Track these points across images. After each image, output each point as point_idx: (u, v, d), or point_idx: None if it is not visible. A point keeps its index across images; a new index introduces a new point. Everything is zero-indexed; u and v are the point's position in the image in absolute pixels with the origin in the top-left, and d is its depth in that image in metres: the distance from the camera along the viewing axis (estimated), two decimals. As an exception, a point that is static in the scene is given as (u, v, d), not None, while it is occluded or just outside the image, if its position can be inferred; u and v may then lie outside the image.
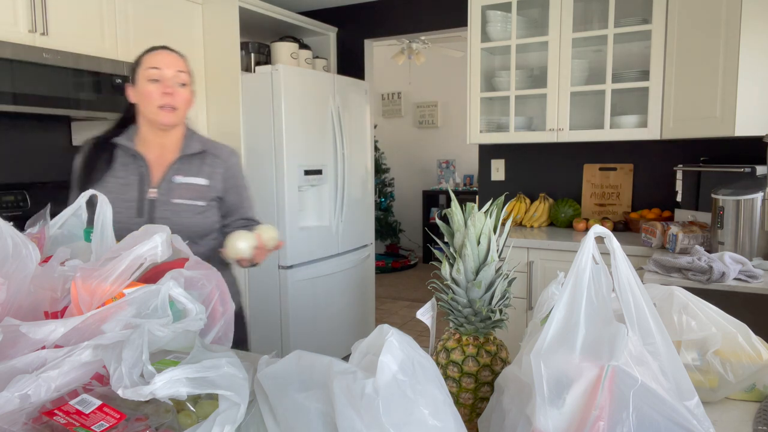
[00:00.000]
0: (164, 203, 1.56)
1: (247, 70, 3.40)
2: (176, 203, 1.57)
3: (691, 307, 0.96)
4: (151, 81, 1.52)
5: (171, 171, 1.59)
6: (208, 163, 1.64)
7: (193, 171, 1.61)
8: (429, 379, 0.60)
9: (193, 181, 1.60)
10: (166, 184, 1.58)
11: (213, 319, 0.90)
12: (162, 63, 1.54)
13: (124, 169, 1.57)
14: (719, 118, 2.29)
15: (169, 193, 1.57)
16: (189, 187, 1.59)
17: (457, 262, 0.80)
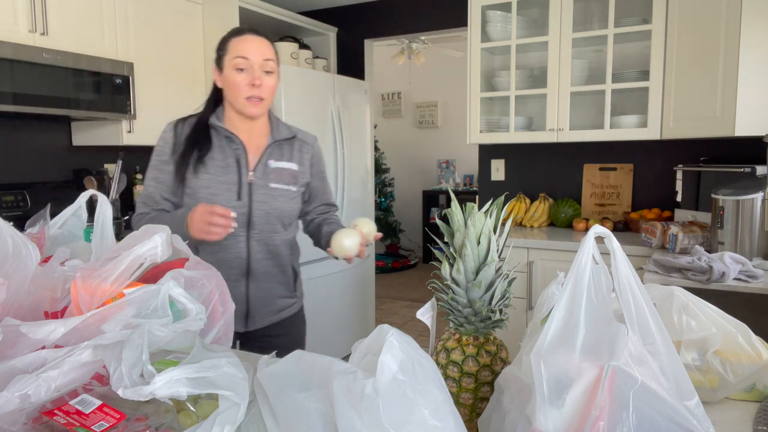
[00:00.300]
0: (262, 187, 1.56)
1: (247, 70, 3.40)
2: (273, 188, 1.57)
3: (691, 307, 0.96)
4: (238, 70, 1.49)
5: (265, 155, 1.58)
6: (297, 148, 1.65)
7: (286, 156, 1.61)
8: (429, 379, 0.60)
9: (286, 166, 1.60)
10: (262, 167, 1.57)
11: (213, 319, 0.90)
12: (250, 51, 1.49)
13: (220, 151, 1.55)
14: (719, 118, 2.29)
15: (266, 177, 1.56)
16: (283, 172, 1.59)
17: (457, 262, 0.80)
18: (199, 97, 3.24)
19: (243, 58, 1.48)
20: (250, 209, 1.54)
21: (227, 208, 1.38)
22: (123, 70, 2.75)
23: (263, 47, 1.52)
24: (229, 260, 1.55)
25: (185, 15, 3.15)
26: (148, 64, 2.93)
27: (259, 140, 1.60)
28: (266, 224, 1.57)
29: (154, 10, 2.96)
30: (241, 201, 1.53)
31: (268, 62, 1.51)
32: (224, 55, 1.52)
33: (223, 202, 1.50)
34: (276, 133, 1.62)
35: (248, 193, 1.54)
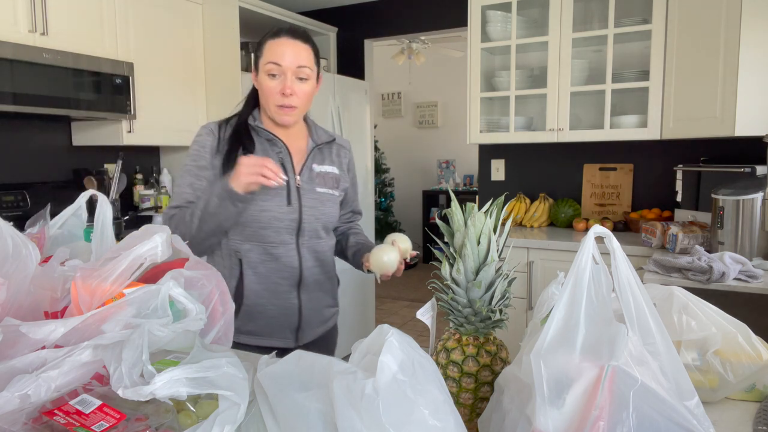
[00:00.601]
0: (309, 191, 1.49)
1: (247, 70, 3.39)
2: (320, 192, 1.51)
3: (691, 307, 0.96)
4: (270, 76, 1.42)
5: (310, 159, 1.53)
6: (335, 152, 1.61)
7: (327, 160, 1.57)
8: (429, 379, 0.60)
9: (329, 170, 1.56)
10: (307, 171, 1.51)
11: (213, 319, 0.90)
12: (283, 57, 1.40)
13: (264, 154, 1.47)
14: (719, 118, 2.29)
15: (312, 182, 1.51)
16: (327, 176, 1.55)
17: (457, 262, 0.80)
18: (200, 97, 3.26)
19: (275, 65, 1.41)
20: (300, 215, 1.47)
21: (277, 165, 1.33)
22: (123, 70, 2.75)
23: (298, 52, 1.42)
24: (280, 270, 1.48)
25: (185, 15, 3.15)
26: (148, 64, 2.93)
27: (298, 143, 1.54)
28: (314, 230, 1.51)
29: (154, 10, 2.96)
30: (291, 206, 1.46)
31: (302, 69, 1.42)
32: (260, 57, 1.45)
33: (273, 207, 1.44)
34: (315, 136, 1.57)
35: (297, 198, 1.47)
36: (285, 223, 1.45)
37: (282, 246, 1.46)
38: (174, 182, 1.37)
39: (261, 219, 1.44)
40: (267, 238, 1.45)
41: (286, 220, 1.45)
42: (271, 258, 1.46)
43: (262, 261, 1.46)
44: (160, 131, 3.05)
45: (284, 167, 1.47)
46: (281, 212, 1.44)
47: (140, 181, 3.31)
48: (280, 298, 1.49)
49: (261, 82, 1.44)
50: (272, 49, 1.42)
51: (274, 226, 1.44)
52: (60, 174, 2.98)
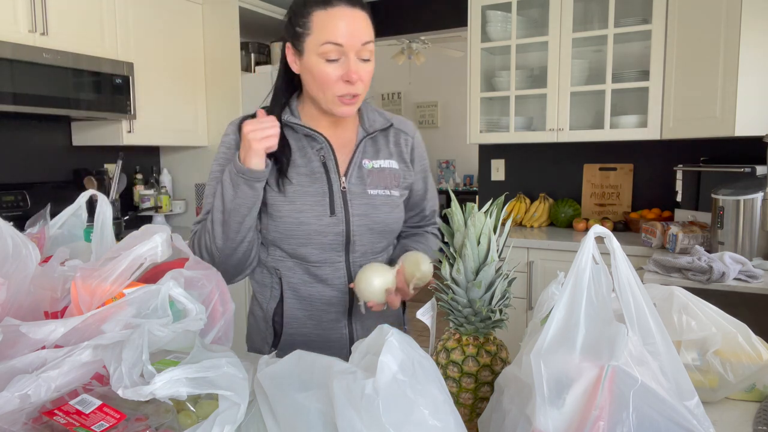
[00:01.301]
0: (359, 195, 1.20)
1: (247, 70, 3.40)
2: (373, 195, 1.21)
3: (691, 307, 0.96)
4: (328, 60, 1.10)
5: (358, 154, 1.23)
6: (393, 141, 1.28)
7: (383, 152, 1.26)
8: (429, 379, 0.60)
9: (385, 165, 1.25)
10: (356, 170, 1.22)
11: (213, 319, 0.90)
12: (345, 35, 1.08)
13: (301, 154, 1.21)
14: (719, 118, 2.29)
15: (362, 183, 1.21)
16: (382, 174, 1.24)
17: (457, 262, 0.80)
18: (200, 97, 3.26)
19: (335, 45, 1.08)
20: (348, 225, 1.19)
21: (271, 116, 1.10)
22: (123, 70, 2.75)
23: (361, 25, 1.10)
24: (325, 295, 1.21)
25: (185, 15, 3.15)
26: (148, 64, 2.93)
27: (345, 135, 1.24)
28: (368, 243, 1.22)
29: (154, 10, 2.96)
30: (336, 216, 1.18)
31: (366, 47, 1.11)
32: (306, 33, 1.11)
33: (312, 219, 1.17)
34: (367, 123, 1.25)
35: (343, 204, 1.19)
36: (329, 238, 1.18)
37: (327, 265, 1.20)
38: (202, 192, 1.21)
39: (298, 234, 1.18)
40: (309, 257, 1.19)
41: (330, 234, 1.18)
42: (315, 280, 1.21)
43: (305, 283, 1.22)
44: (160, 131, 3.05)
45: (326, 167, 1.20)
46: (323, 225, 1.17)
47: (140, 181, 3.31)
48: (326, 329, 1.23)
49: (313, 67, 1.11)
50: (327, 23, 1.08)
51: (316, 241, 1.18)
52: (60, 174, 2.98)
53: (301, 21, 1.11)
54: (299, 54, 1.14)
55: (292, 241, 1.19)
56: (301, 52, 1.13)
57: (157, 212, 3.24)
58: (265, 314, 1.27)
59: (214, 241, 1.17)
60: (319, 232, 1.18)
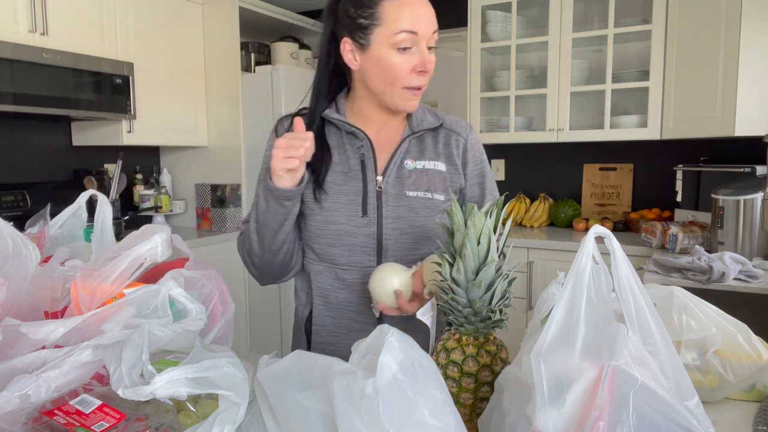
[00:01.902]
0: (396, 197, 1.13)
1: (247, 70, 3.40)
2: (410, 197, 1.14)
3: (691, 307, 0.96)
4: (400, 50, 1.05)
5: (399, 153, 1.15)
6: (443, 141, 1.20)
7: (428, 153, 1.18)
8: (429, 379, 0.60)
9: (430, 166, 1.17)
10: (395, 170, 1.15)
11: (213, 319, 0.90)
12: (420, 23, 1.04)
13: (340, 151, 1.16)
14: (719, 118, 2.29)
15: (400, 183, 1.14)
16: (425, 175, 1.16)
17: (457, 262, 0.80)
18: (200, 97, 3.26)
19: (411, 33, 1.03)
20: (380, 228, 1.12)
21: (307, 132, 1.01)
22: (123, 70, 2.75)
23: (430, 13, 1.07)
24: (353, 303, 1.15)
25: (185, 15, 3.15)
26: (148, 64, 2.93)
27: (390, 133, 1.18)
28: (403, 248, 1.13)
29: (154, 10, 2.96)
30: (367, 217, 1.12)
31: (434, 35, 1.07)
32: (375, 24, 1.05)
33: (343, 219, 1.12)
34: (415, 121, 1.18)
35: (377, 205, 1.12)
36: (360, 240, 1.12)
37: (356, 269, 1.13)
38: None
39: (328, 233, 1.13)
40: (337, 259, 1.14)
41: (360, 235, 1.12)
42: (343, 284, 1.15)
43: (333, 288, 1.16)
44: (160, 131, 3.05)
45: (364, 165, 1.14)
46: (354, 225, 1.11)
47: (140, 181, 3.31)
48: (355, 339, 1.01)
49: (384, 59, 1.06)
50: (400, 12, 1.03)
51: (346, 243, 1.12)
52: (60, 174, 2.98)
53: (366, 12, 1.05)
54: (362, 48, 1.07)
55: (321, 240, 1.14)
56: (366, 45, 1.07)
57: (157, 212, 3.24)
58: (299, 321, 1.24)
59: (252, 248, 1.14)
60: (349, 233, 1.12)
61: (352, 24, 1.07)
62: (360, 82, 1.13)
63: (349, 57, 1.10)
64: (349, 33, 1.08)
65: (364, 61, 1.09)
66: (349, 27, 1.08)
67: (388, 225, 1.13)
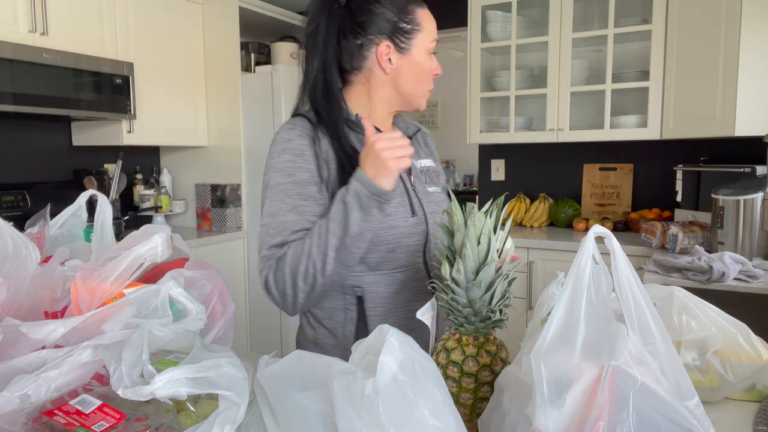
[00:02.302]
0: (424, 194, 1.20)
1: (247, 70, 3.40)
2: (431, 192, 1.22)
3: (691, 307, 0.96)
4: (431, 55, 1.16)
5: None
6: (423, 142, 1.32)
7: (421, 152, 1.28)
8: (429, 379, 0.60)
9: (428, 164, 1.27)
10: (414, 170, 1.22)
11: (213, 319, 0.90)
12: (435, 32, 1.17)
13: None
14: (719, 118, 2.29)
15: (421, 181, 1.22)
16: (429, 173, 1.26)
17: (457, 262, 0.79)
18: (200, 97, 3.26)
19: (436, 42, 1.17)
20: (427, 224, 1.17)
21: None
22: (123, 70, 2.75)
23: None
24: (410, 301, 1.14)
25: (185, 15, 3.15)
26: (148, 64, 2.93)
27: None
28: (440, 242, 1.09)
29: (154, 10, 2.96)
30: (417, 216, 1.15)
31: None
32: (417, 30, 1.13)
33: (399, 222, 1.11)
34: (402, 127, 1.27)
35: (419, 204, 1.17)
36: (414, 240, 1.14)
37: (411, 269, 1.15)
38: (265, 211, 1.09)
39: (388, 239, 1.10)
40: (396, 263, 1.13)
41: (414, 234, 1.14)
42: (401, 287, 1.15)
43: (392, 294, 1.14)
44: (160, 131, 3.05)
45: None
46: (408, 226, 1.12)
47: (140, 181, 3.31)
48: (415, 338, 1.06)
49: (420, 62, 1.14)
50: (431, 21, 1.15)
51: (404, 245, 1.12)
52: (60, 174, 2.98)
53: (408, 18, 1.12)
54: (402, 50, 1.12)
55: (380, 247, 1.10)
56: (406, 49, 1.13)
57: (157, 212, 3.24)
58: (342, 340, 1.16)
59: (323, 268, 1.01)
60: (405, 234, 1.12)
61: (393, 28, 1.11)
62: (385, 84, 1.15)
63: (385, 60, 1.12)
64: (392, 36, 1.11)
65: (402, 63, 1.13)
66: (391, 30, 1.11)
67: (431, 221, 1.17)
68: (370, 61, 1.13)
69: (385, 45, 1.11)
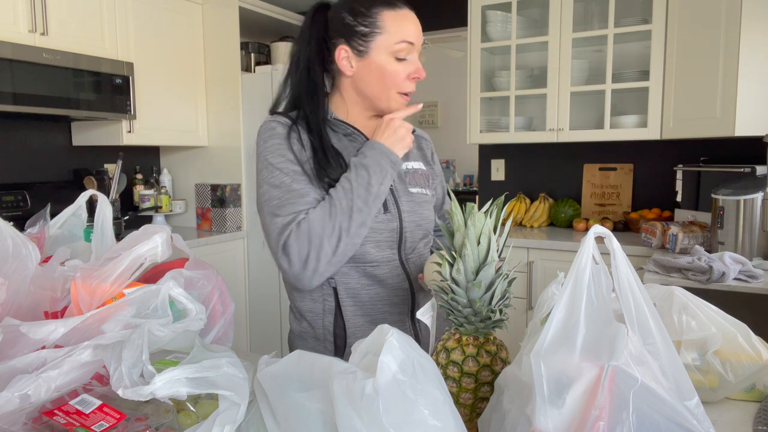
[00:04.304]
0: (404, 193, 1.22)
1: (247, 70, 3.40)
2: (413, 192, 1.24)
3: (691, 307, 0.96)
4: (398, 59, 1.14)
5: None
6: (416, 144, 1.33)
7: (412, 155, 1.30)
8: (429, 379, 0.60)
9: (416, 166, 1.29)
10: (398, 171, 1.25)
11: (213, 319, 0.90)
12: (416, 36, 1.16)
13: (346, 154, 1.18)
14: (719, 118, 2.29)
15: (403, 181, 1.24)
16: (416, 174, 1.27)
17: (457, 262, 0.79)
18: (200, 97, 3.26)
19: (409, 44, 1.14)
20: (401, 222, 1.20)
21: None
22: (123, 70, 2.75)
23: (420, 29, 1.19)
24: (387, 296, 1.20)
25: (185, 15, 3.15)
26: (148, 64, 2.93)
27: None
28: (415, 241, 1.23)
29: (154, 10, 2.96)
30: (390, 213, 1.18)
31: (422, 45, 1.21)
32: (376, 32, 1.13)
33: None
34: None
35: (394, 201, 1.20)
36: (385, 235, 1.18)
37: (385, 264, 1.19)
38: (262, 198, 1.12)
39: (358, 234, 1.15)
40: (367, 256, 1.16)
41: (385, 231, 1.18)
42: (374, 281, 1.19)
43: (364, 286, 1.18)
44: (160, 131, 3.05)
45: None
46: (379, 221, 1.16)
47: (140, 181, 3.31)
48: None
49: (383, 65, 1.13)
50: (401, 23, 1.14)
51: (374, 239, 1.16)
52: (60, 174, 2.98)
53: (367, 21, 1.13)
54: (360, 54, 1.14)
55: None
56: (365, 52, 1.14)
57: (157, 212, 3.24)
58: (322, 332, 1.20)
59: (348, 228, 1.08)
60: (375, 230, 1.16)
61: (350, 31, 1.13)
62: (351, 87, 1.19)
63: (343, 63, 1.15)
64: (349, 39, 1.13)
65: (361, 66, 1.15)
66: (345, 34, 1.14)
67: (406, 218, 1.20)
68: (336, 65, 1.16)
69: (342, 49, 1.14)
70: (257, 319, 3.32)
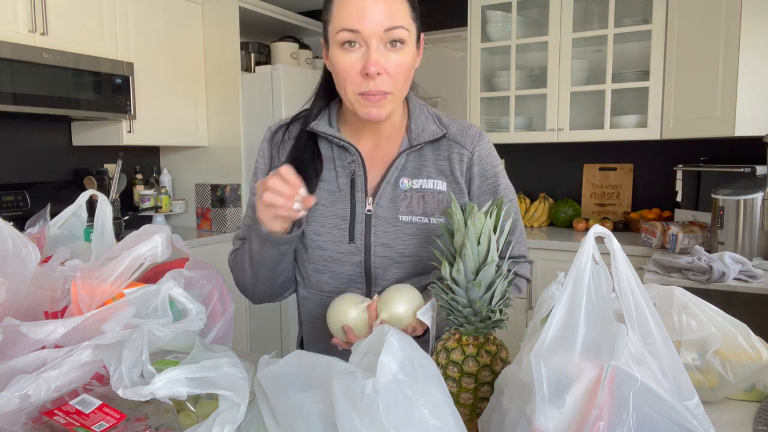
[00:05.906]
0: (386, 221, 1.02)
1: (247, 70, 3.40)
2: (404, 221, 1.02)
3: (691, 307, 0.96)
4: (343, 48, 0.92)
5: (393, 170, 1.03)
6: (445, 154, 1.06)
7: (429, 169, 1.05)
8: (429, 379, 0.60)
9: (427, 185, 1.04)
10: (388, 190, 1.03)
11: (213, 319, 0.90)
12: (363, 19, 0.89)
13: (329, 167, 1.05)
14: (719, 118, 2.29)
15: (393, 206, 1.02)
16: (422, 196, 1.03)
17: (457, 262, 0.79)
18: (200, 97, 3.27)
19: (350, 32, 0.90)
20: (368, 256, 1.02)
21: (291, 174, 0.87)
22: (123, 70, 2.75)
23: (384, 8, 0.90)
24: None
25: (185, 15, 3.15)
26: (148, 64, 2.93)
27: (389, 148, 1.05)
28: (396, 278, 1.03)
29: (154, 10, 2.95)
30: (354, 244, 1.01)
31: (393, 32, 0.91)
32: (327, 22, 0.95)
33: (329, 244, 1.02)
34: (415, 133, 1.04)
35: (364, 230, 1.01)
36: (346, 268, 1.02)
37: None
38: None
39: (314, 258, 1.04)
40: (323, 286, 1.04)
41: (347, 263, 1.02)
42: None
43: (321, 315, 1.03)
44: (160, 131, 3.05)
45: (354, 185, 1.03)
46: (340, 252, 1.01)
47: (140, 181, 3.31)
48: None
49: (334, 59, 0.94)
50: (343, 6, 0.91)
51: (330, 270, 1.03)
52: (60, 174, 2.98)
53: (326, 7, 0.95)
54: (326, 48, 0.98)
55: (308, 265, 1.05)
56: (326, 46, 0.97)
57: (157, 212, 3.24)
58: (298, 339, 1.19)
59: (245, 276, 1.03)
60: (334, 260, 1.02)
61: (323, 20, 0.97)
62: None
63: (323, 56, 1.01)
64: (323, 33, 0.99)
65: (328, 62, 0.98)
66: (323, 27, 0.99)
67: (376, 253, 1.02)
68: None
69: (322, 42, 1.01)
70: (257, 319, 3.32)
